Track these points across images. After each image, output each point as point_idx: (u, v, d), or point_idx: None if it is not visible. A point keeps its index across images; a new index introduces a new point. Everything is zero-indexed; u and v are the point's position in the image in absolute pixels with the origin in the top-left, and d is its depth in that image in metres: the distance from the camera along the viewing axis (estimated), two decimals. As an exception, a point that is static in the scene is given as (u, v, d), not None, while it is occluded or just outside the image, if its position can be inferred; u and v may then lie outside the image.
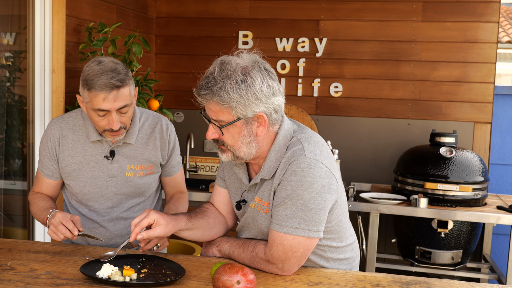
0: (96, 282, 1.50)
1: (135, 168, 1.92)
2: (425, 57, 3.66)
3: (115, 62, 1.77)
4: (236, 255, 1.66)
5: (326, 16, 3.74)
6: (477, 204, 3.16)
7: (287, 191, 1.51)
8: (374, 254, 3.15)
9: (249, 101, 1.47)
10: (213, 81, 1.47)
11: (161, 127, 1.96)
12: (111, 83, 1.71)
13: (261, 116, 1.51)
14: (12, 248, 1.78)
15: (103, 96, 1.71)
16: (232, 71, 1.47)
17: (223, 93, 1.46)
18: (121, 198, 1.93)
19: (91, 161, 1.90)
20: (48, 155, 1.92)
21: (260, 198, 1.59)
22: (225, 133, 1.52)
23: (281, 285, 1.51)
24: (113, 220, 1.94)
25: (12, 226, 2.89)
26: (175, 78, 3.96)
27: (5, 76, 2.84)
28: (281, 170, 1.53)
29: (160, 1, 3.95)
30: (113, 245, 1.94)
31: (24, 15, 2.78)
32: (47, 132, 1.93)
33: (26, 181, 2.85)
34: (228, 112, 1.48)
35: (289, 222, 1.51)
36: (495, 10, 3.56)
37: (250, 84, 1.46)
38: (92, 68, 1.74)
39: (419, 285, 1.54)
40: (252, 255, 1.60)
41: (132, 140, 1.90)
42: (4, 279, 1.51)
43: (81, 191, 1.91)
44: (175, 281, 1.51)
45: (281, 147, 1.57)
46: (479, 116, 3.63)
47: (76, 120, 1.93)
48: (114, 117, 1.75)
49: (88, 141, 1.90)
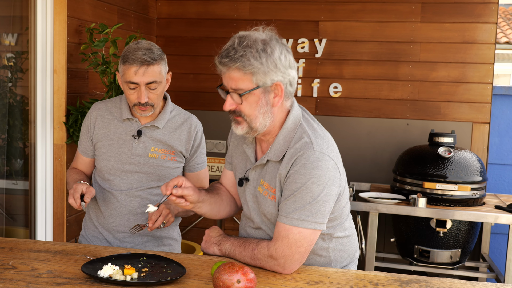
0: (97, 281, 1.50)
1: (159, 151, 2.02)
2: (423, 57, 3.68)
3: (151, 44, 1.94)
4: (237, 254, 1.67)
5: (326, 17, 3.76)
6: (476, 204, 3.17)
7: (296, 184, 1.53)
8: (373, 253, 3.16)
9: (269, 69, 1.52)
10: (234, 50, 1.52)
11: (190, 123, 2.07)
12: (143, 58, 1.87)
13: (279, 85, 1.56)
14: (13, 247, 1.79)
15: (134, 70, 1.87)
16: (252, 42, 1.53)
17: (244, 60, 1.51)
18: (141, 177, 2.03)
19: (120, 139, 2.03)
20: (85, 132, 2.09)
21: (268, 183, 1.62)
22: (244, 102, 1.56)
23: (281, 284, 1.52)
24: (130, 196, 2.03)
25: (14, 226, 2.90)
26: (176, 78, 3.95)
27: (7, 76, 2.85)
28: (289, 160, 1.56)
29: (161, 2, 3.97)
30: (126, 221, 2.03)
31: (26, 16, 2.79)
32: (89, 113, 2.10)
33: (27, 181, 2.86)
34: (249, 80, 1.53)
35: (296, 215, 1.53)
36: (493, 11, 3.58)
37: (269, 53, 1.53)
38: (131, 46, 1.92)
39: (418, 284, 1.55)
40: (254, 253, 1.62)
41: (161, 124, 2.01)
42: (6, 278, 1.51)
43: (106, 165, 2.03)
44: (175, 280, 1.51)
45: (289, 131, 1.61)
46: (478, 116, 3.65)
47: (114, 103, 2.08)
48: (143, 90, 1.89)
49: (120, 120, 2.04)
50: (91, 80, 3.08)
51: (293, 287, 1.50)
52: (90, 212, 2.13)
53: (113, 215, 2.04)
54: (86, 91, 3.04)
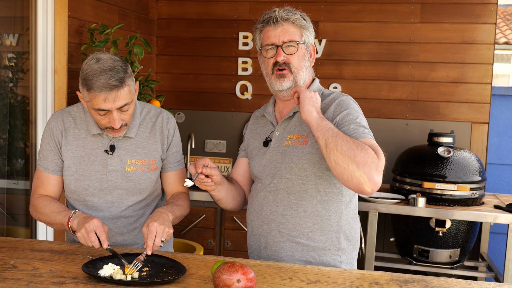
0: (98, 280, 1.50)
1: (136, 163, 1.88)
2: (423, 58, 3.69)
3: (113, 59, 1.73)
4: (332, 139, 1.63)
5: (326, 18, 3.77)
6: (475, 204, 3.18)
7: (352, 114, 1.72)
8: (373, 252, 3.17)
9: (311, 30, 1.85)
10: (285, 11, 1.80)
11: (161, 120, 1.94)
12: (110, 84, 1.68)
13: (313, 47, 1.86)
14: (14, 247, 1.79)
15: (103, 97, 1.69)
16: (292, 10, 1.84)
17: (299, 16, 1.81)
18: (121, 193, 1.89)
19: (91, 155, 1.87)
20: (52, 149, 1.88)
21: (299, 133, 1.78)
22: (295, 54, 1.78)
23: (281, 283, 1.53)
24: (114, 218, 1.90)
25: (14, 225, 2.91)
26: (176, 78, 3.98)
27: (8, 76, 2.86)
28: (327, 105, 1.78)
29: (161, 2, 3.97)
30: (113, 243, 1.92)
31: (26, 16, 2.80)
32: (50, 125, 1.90)
33: (28, 181, 2.87)
34: (300, 34, 1.80)
35: (365, 132, 1.69)
36: (493, 12, 3.58)
37: (308, 20, 1.86)
38: (91, 66, 1.70)
39: (417, 283, 1.56)
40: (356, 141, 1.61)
41: (133, 134, 1.88)
42: (7, 278, 1.51)
43: (81, 186, 1.86)
44: (176, 280, 1.52)
45: (315, 90, 1.83)
46: (477, 116, 3.66)
47: (77, 114, 1.90)
48: (115, 116, 1.74)
49: (88, 135, 1.88)
50: (91, 80, 3.09)
51: (293, 286, 1.51)
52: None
53: None
54: (86, 91, 3.05)
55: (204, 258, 1.74)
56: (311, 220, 1.76)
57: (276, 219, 1.78)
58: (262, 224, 1.81)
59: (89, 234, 1.64)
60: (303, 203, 1.76)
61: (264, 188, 1.81)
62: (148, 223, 1.67)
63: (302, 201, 1.76)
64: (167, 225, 1.69)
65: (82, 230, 1.65)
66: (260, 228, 1.82)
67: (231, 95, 3.92)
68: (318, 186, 1.75)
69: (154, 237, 1.65)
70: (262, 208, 1.81)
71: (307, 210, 1.75)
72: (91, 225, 1.65)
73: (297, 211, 1.76)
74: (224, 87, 3.92)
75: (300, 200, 1.76)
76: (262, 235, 1.82)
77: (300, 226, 1.76)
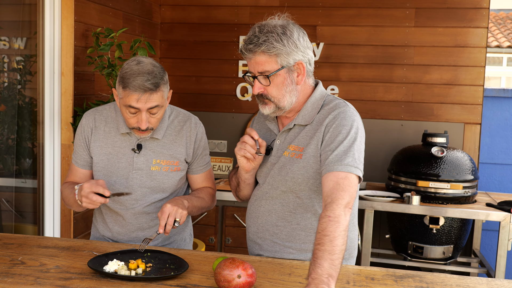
0: (103, 276, 1.51)
1: (161, 163, 1.91)
2: (417, 61, 3.72)
3: (153, 65, 1.78)
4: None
5: (323, 22, 3.80)
6: (467, 202, 3.20)
7: (342, 134, 1.62)
8: (369, 249, 3.20)
9: (291, 49, 1.63)
10: (256, 38, 1.63)
11: (189, 125, 1.96)
12: (145, 86, 1.72)
13: (301, 64, 1.66)
14: (23, 244, 1.80)
15: (136, 97, 1.74)
16: (272, 27, 1.64)
17: (268, 44, 1.61)
18: (145, 191, 1.92)
19: (119, 153, 1.91)
20: (82, 144, 1.94)
21: (296, 145, 1.70)
22: (271, 84, 1.65)
23: (280, 278, 1.53)
24: (136, 214, 1.93)
25: (23, 223, 2.92)
26: (179, 81, 4.01)
27: (16, 79, 2.87)
28: (324, 116, 1.68)
29: (165, 7, 4.00)
30: (135, 238, 1.95)
31: (34, 20, 2.82)
32: (81, 123, 1.95)
33: (36, 180, 2.88)
34: (274, 61, 1.63)
35: (347, 161, 1.58)
36: (485, 16, 3.62)
37: (289, 36, 1.63)
38: (131, 67, 1.76)
39: (411, 279, 1.57)
40: (333, 234, 1.45)
41: (160, 135, 1.91)
42: (15, 273, 1.53)
43: (108, 181, 1.90)
44: (178, 275, 1.53)
45: (317, 99, 1.73)
46: (469, 117, 3.68)
47: (109, 113, 1.95)
48: (144, 117, 1.77)
49: (118, 133, 1.91)
50: (97, 83, 3.10)
51: (291, 281, 1.52)
52: (97, 226, 2.03)
53: (121, 233, 1.96)
54: (92, 93, 3.06)
55: (206, 254, 1.74)
56: (304, 233, 1.72)
57: (270, 229, 1.76)
58: (257, 231, 1.80)
59: (90, 198, 1.72)
60: (297, 216, 1.72)
61: (261, 196, 1.79)
62: (162, 206, 1.75)
63: (295, 213, 1.72)
64: (180, 207, 1.75)
65: (83, 200, 1.74)
66: (255, 235, 1.81)
67: (232, 97, 3.97)
68: (313, 200, 1.70)
69: (167, 218, 1.71)
70: (258, 216, 1.79)
71: (301, 222, 1.72)
72: (85, 190, 1.73)
73: (291, 223, 1.73)
74: (225, 89, 3.96)
75: (294, 213, 1.72)
76: (257, 243, 1.81)
77: (293, 238, 1.73)
